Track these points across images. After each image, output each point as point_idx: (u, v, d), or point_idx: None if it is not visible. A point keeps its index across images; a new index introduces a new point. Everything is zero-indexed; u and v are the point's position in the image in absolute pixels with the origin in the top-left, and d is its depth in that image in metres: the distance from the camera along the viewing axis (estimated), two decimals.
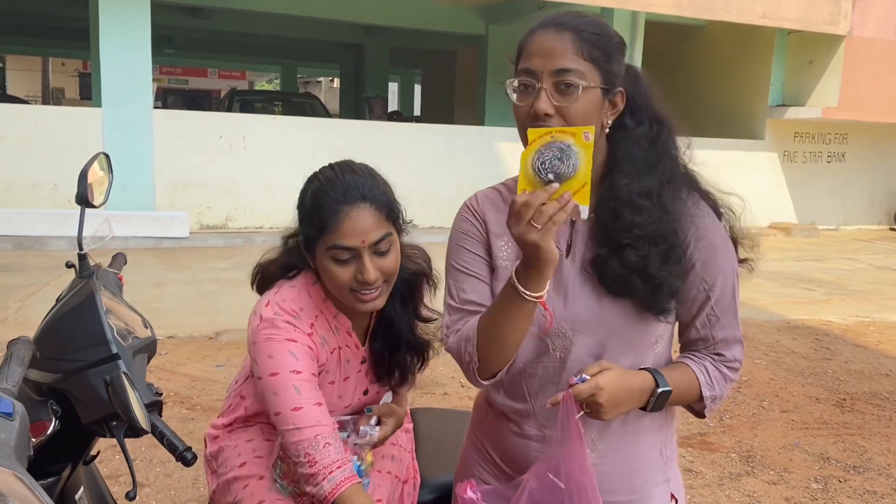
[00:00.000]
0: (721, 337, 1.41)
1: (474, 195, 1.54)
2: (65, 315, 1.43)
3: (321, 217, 1.47)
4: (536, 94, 1.28)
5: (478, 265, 1.44)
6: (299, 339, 1.51)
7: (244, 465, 1.64)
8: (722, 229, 1.43)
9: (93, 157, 1.61)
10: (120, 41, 8.08)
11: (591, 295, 1.36)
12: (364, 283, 1.48)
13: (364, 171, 1.56)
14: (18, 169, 7.97)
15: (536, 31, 1.33)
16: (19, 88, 27.67)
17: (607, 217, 1.35)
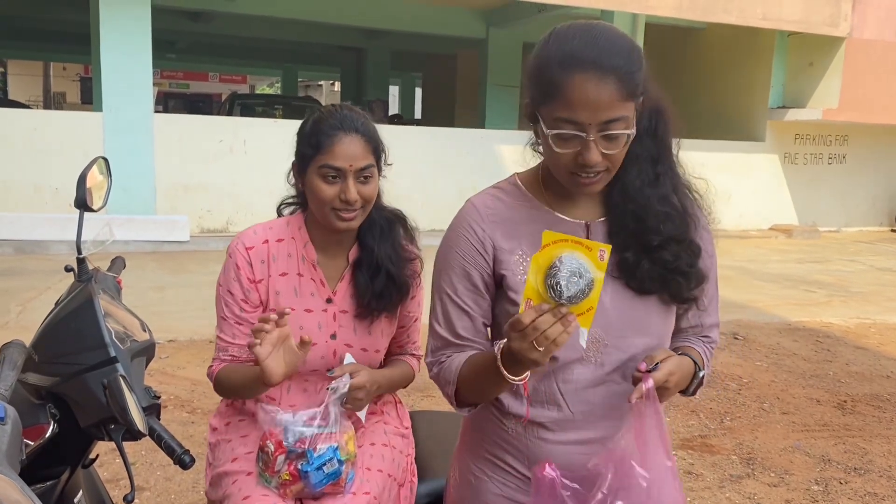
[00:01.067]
0: (709, 323, 1.52)
1: (474, 207, 1.46)
2: (63, 319, 1.43)
3: (318, 138, 1.66)
4: (585, 145, 1.25)
5: (472, 299, 1.42)
6: (243, 268, 1.72)
7: (236, 460, 1.67)
8: (707, 224, 1.48)
9: (91, 161, 1.61)
10: (120, 45, 8.09)
11: (620, 298, 1.39)
12: (346, 202, 1.65)
13: (359, 111, 1.75)
14: (20, 173, 7.99)
15: (574, 73, 1.24)
16: (21, 93, 27.73)
17: (627, 221, 1.37)
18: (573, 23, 1.32)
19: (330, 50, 18.77)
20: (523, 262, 1.40)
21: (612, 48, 1.25)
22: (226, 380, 1.71)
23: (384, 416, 1.87)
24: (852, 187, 12.90)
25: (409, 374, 1.92)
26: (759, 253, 9.98)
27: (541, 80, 1.29)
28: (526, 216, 1.43)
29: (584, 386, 1.39)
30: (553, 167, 1.34)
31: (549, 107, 1.27)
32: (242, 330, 1.73)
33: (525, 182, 1.47)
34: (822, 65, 11.46)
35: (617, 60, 1.24)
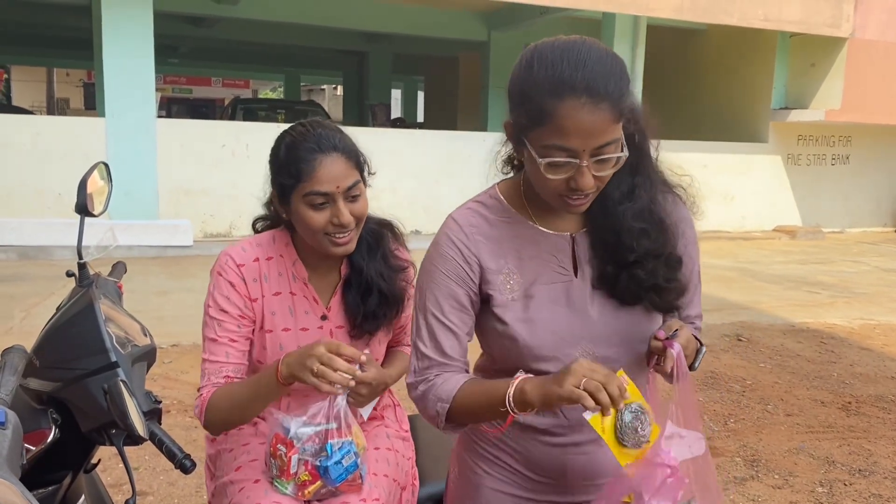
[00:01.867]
0: (694, 314, 1.51)
1: (457, 224, 1.41)
2: (64, 324, 1.43)
3: (298, 166, 1.58)
4: (578, 171, 1.23)
5: (458, 317, 1.40)
6: (238, 285, 1.66)
7: (240, 468, 1.65)
8: (691, 219, 1.47)
9: (92, 167, 1.62)
10: (123, 51, 8.12)
11: (605, 309, 1.39)
12: (339, 225, 1.60)
13: (331, 126, 1.67)
14: (23, 178, 8.01)
15: (566, 100, 1.19)
16: (24, 99, 27.83)
17: (606, 235, 1.37)
18: (556, 41, 1.26)
19: (332, 54, 18.81)
20: (509, 280, 1.39)
21: (603, 71, 1.21)
22: (224, 401, 1.61)
23: (384, 420, 1.87)
24: (856, 188, 12.88)
25: (407, 364, 1.90)
26: (762, 254, 9.97)
27: (528, 105, 1.24)
28: (509, 232, 1.40)
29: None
30: (540, 189, 1.32)
31: (537, 133, 1.23)
32: (238, 347, 1.66)
33: (506, 194, 1.44)
34: (824, 65, 11.46)
35: (609, 84, 1.20)
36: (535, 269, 1.39)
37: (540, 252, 1.40)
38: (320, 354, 1.44)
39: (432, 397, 1.38)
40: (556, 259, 1.39)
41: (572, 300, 1.38)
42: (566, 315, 1.38)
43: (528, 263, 1.39)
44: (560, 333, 1.37)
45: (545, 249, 1.40)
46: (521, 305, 1.38)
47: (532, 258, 1.39)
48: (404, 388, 1.55)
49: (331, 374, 1.43)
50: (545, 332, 1.37)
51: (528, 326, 1.37)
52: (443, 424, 1.39)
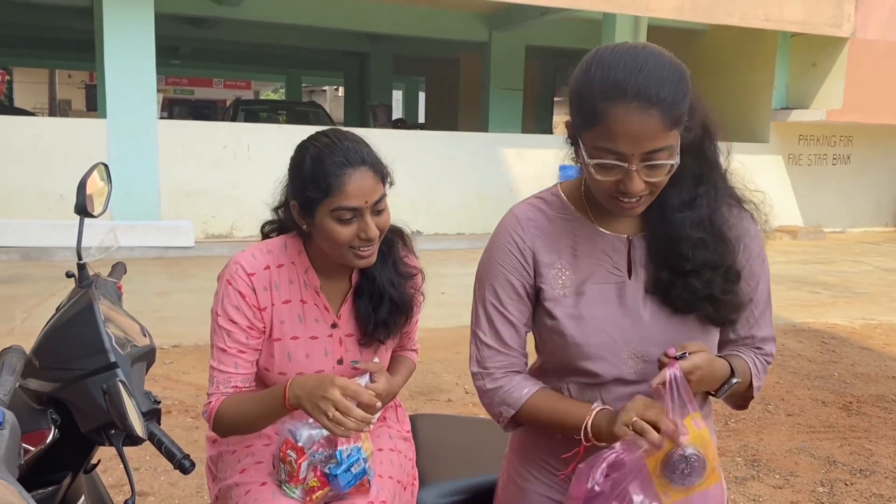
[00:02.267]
0: (761, 335, 1.48)
1: (515, 217, 1.46)
2: (63, 324, 1.44)
3: (327, 180, 1.54)
4: (627, 175, 1.24)
5: (516, 307, 1.44)
6: (248, 295, 1.63)
7: (245, 471, 1.64)
8: (758, 234, 1.45)
9: (92, 167, 1.62)
10: (124, 52, 8.13)
11: (659, 314, 1.39)
12: (366, 240, 1.57)
13: (356, 137, 1.64)
14: (25, 180, 8.02)
15: (617, 104, 1.20)
16: (27, 101, 27.85)
17: (663, 242, 1.37)
18: (618, 46, 1.27)
19: (333, 55, 18.83)
20: (562, 276, 1.40)
21: (657, 77, 1.21)
22: (231, 412, 1.61)
23: (386, 420, 1.87)
24: (857, 188, 12.86)
25: (412, 368, 1.92)
26: None
27: (582, 106, 1.26)
28: (566, 229, 1.43)
29: (624, 397, 1.39)
30: (594, 190, 1.33)
31: (590, 134, 1.25)
32: (246, 358, 1.64)
33: (567, 193, 1.47)
34: (825, 65, 11.45)
35: (662, 91, 1.20)
36: (588, 267, 1.41)
37: (595, 251, 1.41)
38: (337, 401, 1.43)
39: (498, 399, 1.43)
40: (610, 259, 1.40)
41: (624, 301, 1.39)
42: (617, 315, 1.38)
43: (582, 261, 1.41)
44: (610, 333, 1.38)
45: (600, 248, 1.41)
46: (571, 301, 1.39)
47: (587, 256, 1.41)
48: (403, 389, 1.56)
49: (348, 423, 1.43)
50: (595, 331, 1.38)
51: (578, 323, 1.38)
52: (504, 424, 1.45)
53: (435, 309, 6.06)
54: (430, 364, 4.70)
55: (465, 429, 2.04)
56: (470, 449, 1.89)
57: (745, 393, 1.46)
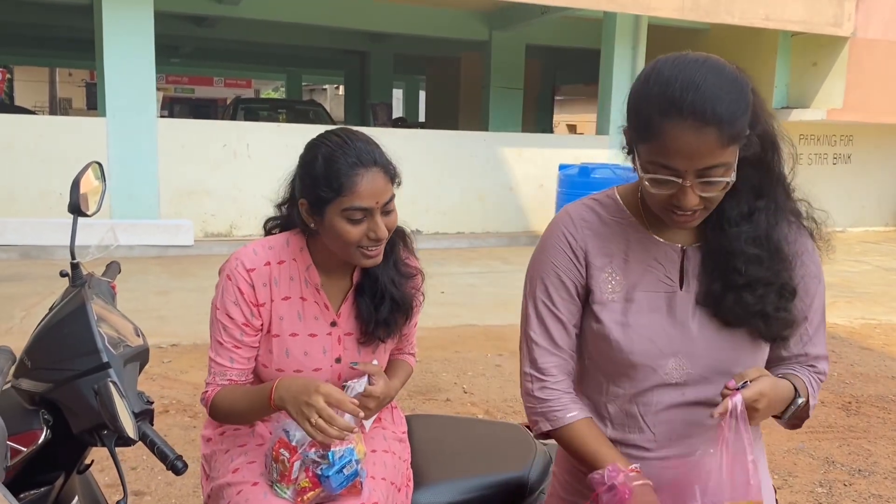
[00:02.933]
0: (814, 353, 1.46)
1: (569, 216, 1.45)
2: (56, 324, 1.43)
3: (339, 180, 1.55)
4: (681, 190, 1.23)
5: (566, 307, 1.43)
6: (246, 292, 1.65)
7: (237, 470, 1.63)
8: (816, 252, 1.44)
9: (85, 166, 1.62)
10: (124, 51, 8.12)
11: (708, 326, 1.38)
12: (375, 240, 1.58)
13: (366, 137, 1.64)
14: (25, 178, 8.02)
15: (673, 120, 1.19)
16: (27, 99, 27.85)
17: (717, 254, 1.35)
18: (679, 58, 1.25)
19: (333, 54, 18.81)
20: (612, 280, 1.39)
21: (715, 94, 1.19)
22: (225, 404, 1.65)
23: (382, 421, 1.86)
24: (858, 187, 12.84)
25: (409, 372, 1.92)
26: None
27: (638, 120, 1.25)
28: (619, 233, 1.41)
29: (663, 408, 1.40)
30: (648, 200, 1.32)
31: (645, 147, 1.24)
32: (241, 354, 1.67)
33: (624, 197, 1.45)
34: (825, 65, 11.42)
35: (719, 108, 1.18)
36: (639, 273, 1.39)
37: (647, 258, 1.40)
38: (320, 408, 1.44)
39: (541, 411, 1.44)
40: (662, 268, 1.39)
41: (673, 311, 1.38)
42: (665, 325, 1.37)
43: (634, 267, 1.40)
44: (656, 342, 1.37)
45: (653, 256, 1.40)
46: (620, 307, 1.39)
47: (638, 262, 1.40)
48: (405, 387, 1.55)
49: (330, 430, 1.45)
50: (641, 339, 1.37)
51: (624, 330, 1.37)
52: (538, 434, 1.47)
53: (434, 308, 6.06)
54: (429, 363, 4.69)
55: (461, 430, 2.04)
56: (465, 450, 1.88)
57: (800, 413, 1.43)
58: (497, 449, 1.86)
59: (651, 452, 1.42)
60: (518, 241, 9.82)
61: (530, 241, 9.89)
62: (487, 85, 14.02)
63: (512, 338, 5.41)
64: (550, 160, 10.00)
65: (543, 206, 9.97)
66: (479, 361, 4.86)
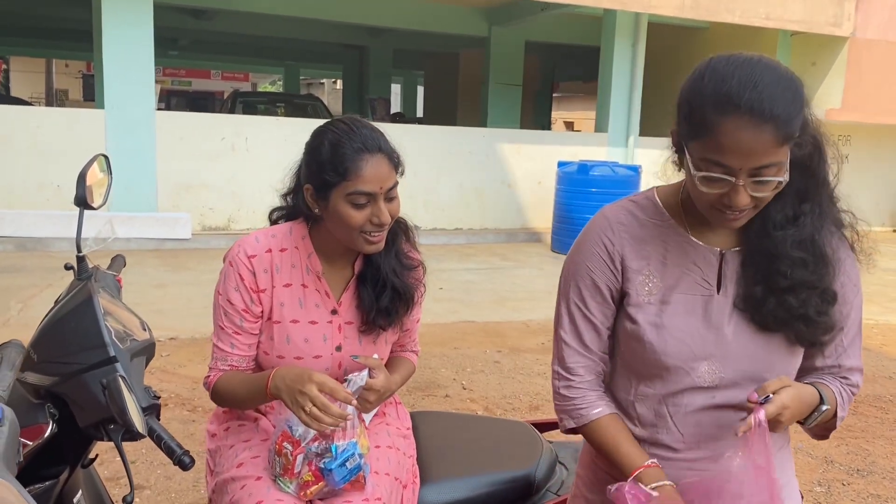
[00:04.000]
0: (848, 365, 1.45)
1: (606, 219, 1.44)
2: (62, 318, 1.42)
3: (345, 165, 1.58)
4: (733, 189, 1.22)
5: (600, 310, 1.44)
6: (246, 278, 1.68)
7: (241, 465, 1.63)
8: (856, 263, 1.44)
9: (91, 159, 1.60)
10: (122, 43, 8.08)
11: (744, 331, 1.37)
12: (378, 225, 1.61)
13: (372, 125, 1.69)
14: (22, 170, 7.98)
15: (729, 117, 1.18)
16: (23, 90, 27.74)
17: (760, 257, 1.35)
18: (733, 56, 1.24)
19: (332, 48, 18.77)
20: (649, 282, 1.39)
21: (773, 93, 1.18)
22: (225, 389, 1.69)
23: (386, 417, 1.86)
24: (855, 187, 12.49)
25: (411, 370, 1.92)
26: None
27: (692, 116, 1.23)
28: (658, 235, 1.41)
29: (693, 410, 1.40)
30: (696, 199, 1.31)
31: (697, 145, 1.23)
32: (242, 340, 1.70)
33: (663, 199, 1.44)
34: (824, 65, 11.44)
35: (777, 107, 1.17)
36: (676, 276, 1.39)
37: (685, 261, 1.39)
38: (314, 396, 1.47)
39: (567, 408, 1.46)
40: (700, 271, 1.39)
41: (709, 315, 1.37)
42: (700, 329, 1.37)
43: (671, 270, 1.39)
44: (690, 346, 1.37)
45: (691, 259, 1.39)
46: (655, 309, 1.38)
47: (676, 265, 1.39)
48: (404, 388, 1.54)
49: (324, 419, 1.47)
50: (675, 341, 1.37)
51: (659, 332, 1.37)
52: (564, 431, 1.49)
53: (433, 304, 6.07)
54: (428, 359, 4.69)
55: (468, 427, 2.04)
56: (472, 447, 1.88)
57: (827, 423, 1.43)
58: (504, 447, 1.86)
59: (679, 453, 1.42)
60: (516, 237, 9.82)
61: (528, 237, 9.89)
62: (486, 81, 14.00)
63: (510, 335, 5.41)
64: (549, 157, 9.99)
65: (542, 202, 9.97)
66: (477, 358, 4.86)
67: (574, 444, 1.98)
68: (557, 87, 21.95)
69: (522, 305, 6.29)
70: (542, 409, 4.06)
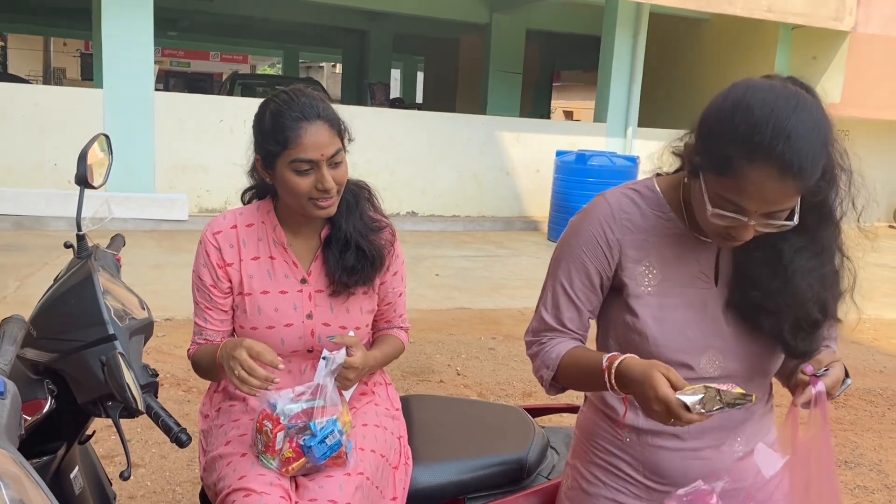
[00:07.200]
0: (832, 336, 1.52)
1: (608, 206, 1.42)
2: (62, 295, 1.43)
3: (285, 134, 1.64)
4: (742, 226, 1.23)
5: (585, 294, 1.44)
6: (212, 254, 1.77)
7: (229, 443, 1.67)
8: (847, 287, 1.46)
9: (93, 138, 1.61)
10: (122, 22, 8.04)
11: (741, 329, 1.40)
12: (323, 191, 1.65)
13: (314, 94, 1.71)
14: (19, 148, 7.96)
15: (757, 165, 1.15)
16: (20, 67, 27.56)
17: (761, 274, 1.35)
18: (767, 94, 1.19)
19: (332, 31, 18.67)
20: (648, 273, 1.39)
21: (803, 149, 1.15)
22: (196, 361, 1.80)
23: (375, 396, 1.87)
24: None
25: (399, 347, 1.93)
26: None
27: (716, 150, 1.21)
28: (659, 228, 1.41)
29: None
30: (700, 219, 1.31)
31: (717, 181, 1.22)
32: (213, 315, 1.79)
33: (664, 190, 1.43)
34: (825, 59, 11.43)
35: (805, 165, 1.16)
36: (675, 268, 1.40)
37: (684, 254, 1.40)
38: (242, 360, 1.54)
39: (539, 363, 1.45)
40: (698, 264, 1.40)
41: (707, 307, 1.39)
42: (699, 320, 1.39)
43: (671, 262, 1.40)
44: (691, 338, 1.38)
45: (691, 252, 1.40)
46: (656, 301, 1.39)
47: (676, 258, 1.40)
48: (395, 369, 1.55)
49: (252, 381, 1.53)
50: (676, 333, 1.38)
51: (660, 325, 1.38)
52: (547, 389, 1.45)
53: (429, 290, 6.09)
54: (423, 345, 4.71)
55: (461, 410, 2.06)
56: (465, 431, 1.90)
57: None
58: (496, 430, 1.88)
59: (684, 442, 1.44)
60: (513, 225, 9.83)
61: (525, 226, 9.91)
62: (487, 68, 13.97)
63: (505, 322, 5.43)
64: (548, 146, 9.99)
65: (539, 191, 9.97)
66: (472, 344, 4.88)
67: (565, 430, 2.01)
68: (558, 77, 21.90)
69: (518, 293, 6.31)
70: (535, 395, 4.09)
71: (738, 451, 1.45)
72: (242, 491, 1.52)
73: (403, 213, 9.35)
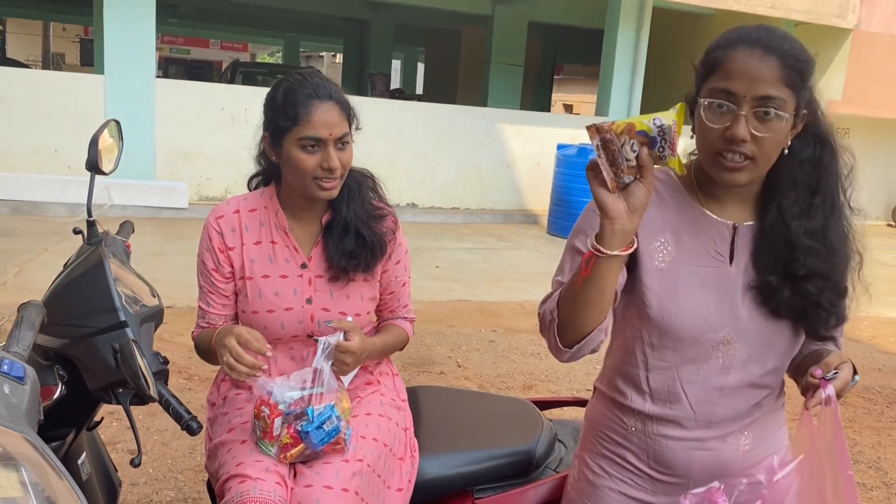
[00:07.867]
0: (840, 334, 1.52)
1: None
2: (73, 281, 1.43)
3: (296, 110, 1.66)
4: (735, 118, 1.25)
5: None
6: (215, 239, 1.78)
7: (231, 430, 1.69)
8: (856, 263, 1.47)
9: (104, 124, 1.61)
10: (123, 8, 8.01)
11: (758, 310, 1.39)
12: (328, 170, 1.67)
13: (325, 77, 1.76)
14: (18, 133, 7.93)
15: (738, 47, 1.27)
16: (19, 52, 27.43)
17: (775, 244, 1.37)
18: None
19: (333, 21, 18.59)
20: (664, 249, 1.40)
21: (785, 36, 1.28)
22: (197, 344, 1.82)
23: (380, 386, 1.87)
24: None
25: (402, 337, 1.93)
26: None
27: (706, 59, 1.32)
28: (672, 205, 1.42)
29: (705, 385, 1.41)
30: (701, 149, 1.34)
31: (707, 82, 1.30)
32: (215, 299, 1.81)
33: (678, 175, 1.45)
34: (827, 56, 11.42)
35: (784, 45, 1.26)
36: (690, 247, 1.41)
37: (699, 232, 1.41)
38: (231, 347, 1.57)
39: (545, 319, 1.38)
40: (713, 243, 1.41)
41: (722, 287, 1.39)
42: (713, 300, 1.39)
43: (685, 240, 1.41)
44: (704, 315, 1.38)
45: (705, 231, 1.41)
46: (671, 278, 1.39)
47: (691, 236, 1.41)
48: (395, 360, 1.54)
49: (239, 367, 1.57)
50: (690, 311, 1.38)
51: (675, 301, 1.38)
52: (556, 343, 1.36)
53: (429, 282, 6.09)
54: (424, 336, 4.71)
55: (469, 402, 2.06)
56: (473, 422, 1.90)
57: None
58: (505, 422, 1.88)
59: (690, 432, 1.44)
60: (513, 218, 9.83)
61: (525, 219, 9.90)
62: (489, 60, 13.93)
63: (505, 314, 5.44)
64: (549, 139, 9.98)
65: (540, 184, 9.96)
66: (472, 336, 4.88)
67: (573, 423, 2.01)
68: (559, 70, 21.85)
69: (518, 286, 6.32)
70: (535, 388, 4.10)
71: (744, 444, 1.45)
72: (238, 477, 1.53)
73: (403, 204, 9.33)
